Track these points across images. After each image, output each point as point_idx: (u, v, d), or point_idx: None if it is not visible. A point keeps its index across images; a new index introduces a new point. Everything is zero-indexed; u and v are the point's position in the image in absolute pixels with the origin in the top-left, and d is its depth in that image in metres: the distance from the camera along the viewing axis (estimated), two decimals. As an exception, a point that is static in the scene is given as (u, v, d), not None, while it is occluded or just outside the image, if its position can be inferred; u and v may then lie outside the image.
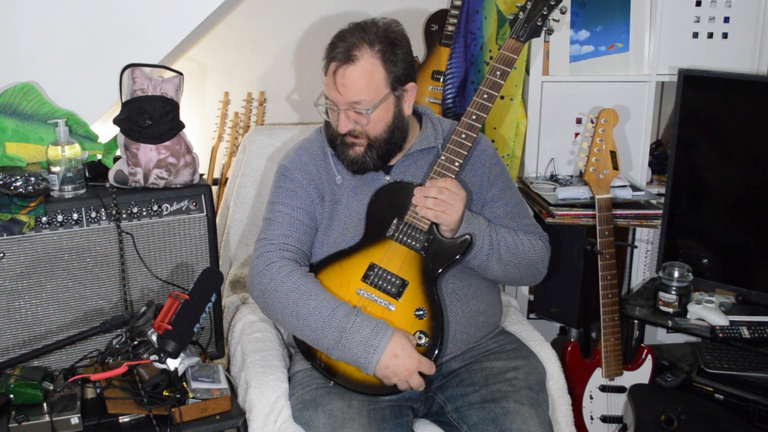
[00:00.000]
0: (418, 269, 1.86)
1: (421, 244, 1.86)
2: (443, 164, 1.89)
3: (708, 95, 2.45)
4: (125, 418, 1.84)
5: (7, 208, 1.92)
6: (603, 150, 2.41)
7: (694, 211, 2.51)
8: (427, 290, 1.85)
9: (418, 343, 1.81)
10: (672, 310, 2.39)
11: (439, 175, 1.88)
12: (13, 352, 1.99)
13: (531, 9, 1.96)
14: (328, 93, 1.87)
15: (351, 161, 1.91)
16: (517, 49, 1.95)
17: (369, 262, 1.88)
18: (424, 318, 1.83)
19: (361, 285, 1.86)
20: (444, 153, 1.90)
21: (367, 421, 1.74)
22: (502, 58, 1.95)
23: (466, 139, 1.90)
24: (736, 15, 2.63)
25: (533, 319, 2.84)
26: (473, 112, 1.92)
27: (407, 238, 1.87)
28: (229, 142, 2.86)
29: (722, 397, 2.37)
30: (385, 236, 1.88)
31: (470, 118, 1.92)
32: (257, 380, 1.91)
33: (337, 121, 1.87)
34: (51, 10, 2.15)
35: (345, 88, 1.82)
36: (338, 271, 1.89)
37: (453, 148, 1.90)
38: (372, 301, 1.84)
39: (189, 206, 2.11)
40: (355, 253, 1.90)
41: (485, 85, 1.94)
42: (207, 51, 2.80)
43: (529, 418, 1.78)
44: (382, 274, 1.86)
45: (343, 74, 1.81)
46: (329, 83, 1.85)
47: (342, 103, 1.84)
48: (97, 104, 2.24)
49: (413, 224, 1.87)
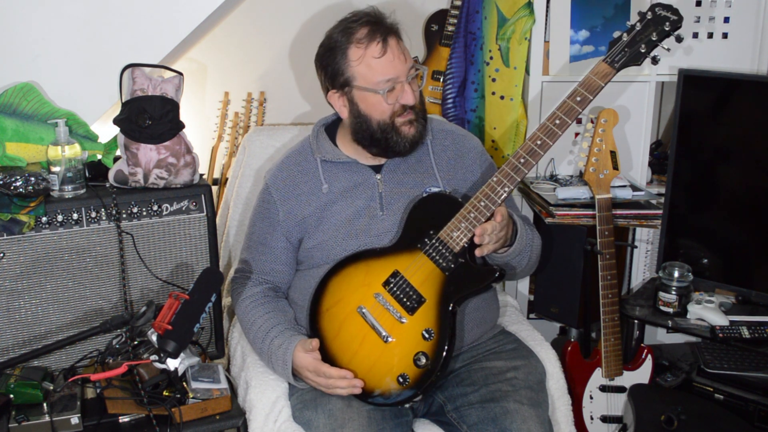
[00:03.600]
0: (439, 289, 1.81)
1: (447, 264, 1.81)
2: (494, 187, 1.80)
3: (708, 95, 2.45)
4: (125, 418, 1.85)
5: (7, 208, 1.92)
6: (603, 150, 2.41)
7: (694, 211, 2.51)
8: (441, 313, 1.80)
9: (418, 364, 1.77)
10: (672, 310, 2.39)
11: (487, 199, 1.79)
12: (13, 352, 1.99)
13: (639, 32, 1.74)
14: (386, 72, 1.84)
15: (412, 139, 1.90)
16: (608, 75, 1.76)
17: (394, 268, 1.85)
18: (431, 340, 1.79)
19: (381, 290, 1.84)
20: (497, 175, 1.81)
21: (367, 421, 1.75)
22: (587, 84, 1.77)
23: (524, 164, 1.80)
24: (736, 15, 2.62)
25: (533, 319, 2.84)
26: (539, 137, 1.79)
27: (437, 255, 1.82)
28: (229, 142, 2.86)
29: (722, 397, 2.37)
30: (416, 246, 1.85)
31: (535, 142, 1.79)
32: (257, 380, 1.92)
33: (403, 95, 1.86)
34: (51, 10, 2.15)
35: (404, 55, 1.86)
36: (364, 269, 1.88)
37: (508, 171, 1.80)
38: (386, 309, 1.82)
39: (189, 206, 2.11)
40: (384, 256, 1.88)
41: (561, 110, 1.78)
42: (207, 51, 2.80)
43: (529, 417, 1.78)
44: (403, 285, 1.83)
45: (398, 44, 1.86)
46: (386, 62, 1.83)
47: (406, 72, 1.86)
48: (97, 104, 2.24)
49: (446, 242, 1.82)
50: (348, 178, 1.97)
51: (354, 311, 1.84)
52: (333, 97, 1.94)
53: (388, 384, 1.79)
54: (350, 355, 1.82)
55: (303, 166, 2.01)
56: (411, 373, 1.78)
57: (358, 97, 1.89)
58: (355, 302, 1.85)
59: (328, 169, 1.98)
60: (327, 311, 1.89)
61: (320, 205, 1.96)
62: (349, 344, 1.83)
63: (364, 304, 1.84)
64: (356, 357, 1.81)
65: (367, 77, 1.85)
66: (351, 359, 1.82)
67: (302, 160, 2.02)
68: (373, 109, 1.88)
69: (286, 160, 2.05)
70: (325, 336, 1.87)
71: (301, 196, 1.98)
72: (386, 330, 1.80)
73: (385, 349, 1.80)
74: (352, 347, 1.83)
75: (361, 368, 1.81)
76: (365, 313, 1.83)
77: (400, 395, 1.79)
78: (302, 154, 2.03)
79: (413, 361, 1.78)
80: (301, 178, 2.00)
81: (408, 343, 1.80)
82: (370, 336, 1.81)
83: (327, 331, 1.87)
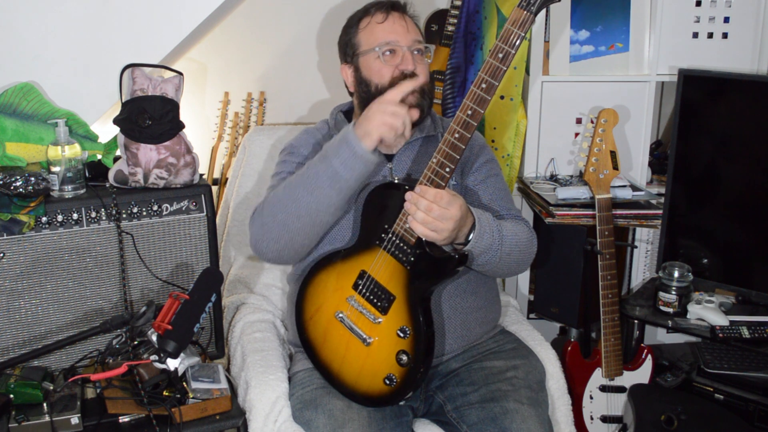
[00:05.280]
0: (405, 285, 1.74)
1: (407, 259, 1.73)
2: (434, 168, 1.68)
3: (708, 95, 2.45)
4: (125, 418, 1.84)
5: (7, 208, 1.92)
6: (603, 150, 2.41)
7: (694, 211, 2.51)
8: (411, 309, 1.73)
9: (401, 363, 1.74)
10: (672, 310, 2.39)
11: (429, 181, 1.69)
12: (13, 352, 1.99)
13: None
14: (386, 36, 1.88)
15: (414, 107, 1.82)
16: (526, 22, 1.57)
17: (360, 269, 1.80)
18: (407, 338, 1.74)
19: (352, 293, 1.81)
20: (436, 155, 1.68)
21: (367, 421, 1.75)
22: (505, 37, 1.59)
23: (460, 139, 1.66)
24: (736, 15, 2.63)
25: (533, 319, 2.84)
26: (470, 106, 1.64)
27: (396, 250, 1.75)
28: (229, 142, 2.86)
29: (722, 397, 2.37)
30: (375, 243, 1.78)
31: (466, 113, 1.65)
32: (257, 380, 1.92)
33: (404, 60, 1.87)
34: (51, 10, 2.15)
35: (410, 26, 1.91)
36: (335, 273, 1.85)
37: (445, 149, 1.67)
38: (360, 313, 1.79)
39: (189, 206, 2.11)
40: (350, 257, 1.83)
41: (485, 71, 1.61)
42: (207, 51, 2.80)
43: (529, 417, 1.78)
44: (371, 286, 1.78)
45: (402, 17, 1.92)
46: (386, 27, 1.89)
47: (407, 40, 1.89)
48: (97, 104, 2.24)
49: (402, 235, 1.74)
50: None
51: (333, 318, 1.83)
52: (343, 69, 1.99)
53: (378, 386, 1.78)
54: (340, 361, 1.82)
55: (321, 139, 2.01)
56: (396, 372, 1.75)
57: (362, 63, 1.93)
58: (332, 308, 1.83)
59: None
60: (311, 319, 1.88)
61: None
62: (336, 350, 1.83)
63: (341, 309, 1.82)
64: (345, 362, 1.81)
65: (369, 40, 1.91)
66: (341, 365, 1.81)
67: (320, 134, 2.03)
68: (373, 72, 1.90)
69: (305, 135, 2.04)
70: (314, 344, 1.87)
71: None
72: (365, 333, 1.78)
73: (369, 353, 1.78)
74: (339, 352, 1.82)
75: (352, 373, 1.80)
76: (343, 318, 1.81)
77: (393, 395, 1.78)
78: (320, 130, 2.05)
79: (396, 362, 1.75)
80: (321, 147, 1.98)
81: (388, 343, 1.76)
82: (353, 341, 1.80)
83: (314, 340, 1.87)
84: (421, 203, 1.66)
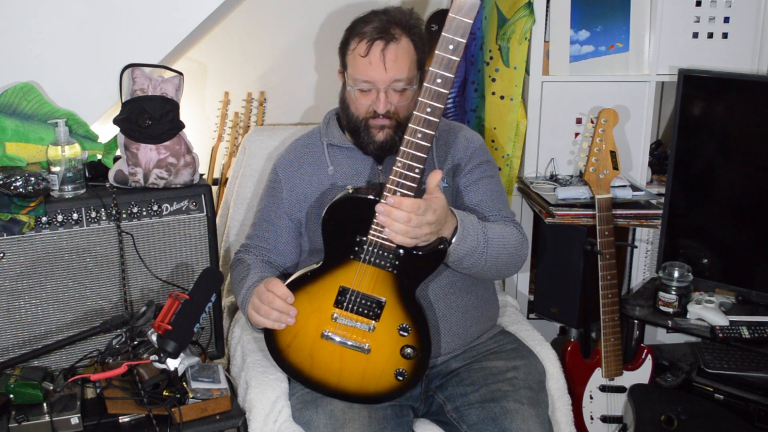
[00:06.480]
0: (394, 287, 1.72)
1: (391, 263, 1.69)
2: (401, 173, 1.62)
3: (708, 95, 2.45)
4: (125, 418, 1.85)
5: (7, 208, 1.92)
6: (603, 150, 2.41)
7: (694, 211, 2.51)
8: (406, 305, 1.73)
9: (409, 357, 1.75)
10: (672, 310, 2.39)
11: (396, 185, 1.63)
12: (13, 352, 1.99)
13: None
14: (364, 73, 1.82)
15: (381, 145, 1.86)
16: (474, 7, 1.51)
17: (338, 285, 1.73)
18: (409, 334, 1.74)
19: (335, 310, 1.75)
20: (399, 159, 1.62)
21: (368, 421, 1.75)
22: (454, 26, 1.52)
23: (423, 138, 1.60)
24: (736, 15, 2.63)
25: (533, 319, 2.84)
26: (427, 104, 1.58)
27: (375, 258, 1.69)
28: (229, 142, 2.86)
29: (722, 397, 2.37)
30: (349, 258, 1.71)
31: (425, 111, 1.59)
32: (257, 380, 1.91)
33: (376, 101, 1.84)
34: (51, 10, 2.15)
35: (390, 64, 1.80)
36: (305, 297, 1.76)
37: (409, 151, 1.61)
38: (351, 326, 1.75)
39: (189, 206, 2.11)
40: (320, 277, 1.75)
41: (438, 67, 1.55)
42: (207, 51, 2.80)
43: (529, 417, 1.78)
44: (355, 298, 1.73)
45: (386, 52, 1.80)
46: (366, 63, 1.80)
47: (384, 81, 1.81)
48: (97, 104, 2.24)
49: (379, 244, 1.68)
50: (351, 164, 1.97)
51: (318, 338, 1.78)
52: (339, 73, 1.97)
53: (389, 383, 1.78)
54: (337, 374, 1.79)
55: (310, 149, 2.03)
56: (405, 366, 1.76)
57: (347, 82, 1.91)
58: (314, 330, 1.77)
59: (334, 153, 1.99)
60: (289, 347, 1.81)
61: (324, 187, 1.96)
62: (329, 366, 1.79)
63: (326, 328, 1.77)
64: (344, 374, 1.79)
65: (351, 70, 1.87)
66: (339, 377, 1.79)
67: (310, 144, 2.04)
68: (351, 100, 1.90)
69: (294, 144, 2.08)
70: (301, 368, 1.82)
71: (305, 175, 1.99)
72: (360, 342, 1.76)
73: (369, 358, 1.77)
74: (333, 367, 1.79)
75: (354, 381, 1.79)
76: (331, 336, 1.77)
77: (406, 386, 1.79)
78: (311, 138, 2.06)
79: (402, 356, 1.75)
80: (308, 159, 2.01)
81: (388, 344, 1.76)
82: (347, 353, 1.77)
83: (300, 364, 1.81)
84: (396, 215, 1.60)
